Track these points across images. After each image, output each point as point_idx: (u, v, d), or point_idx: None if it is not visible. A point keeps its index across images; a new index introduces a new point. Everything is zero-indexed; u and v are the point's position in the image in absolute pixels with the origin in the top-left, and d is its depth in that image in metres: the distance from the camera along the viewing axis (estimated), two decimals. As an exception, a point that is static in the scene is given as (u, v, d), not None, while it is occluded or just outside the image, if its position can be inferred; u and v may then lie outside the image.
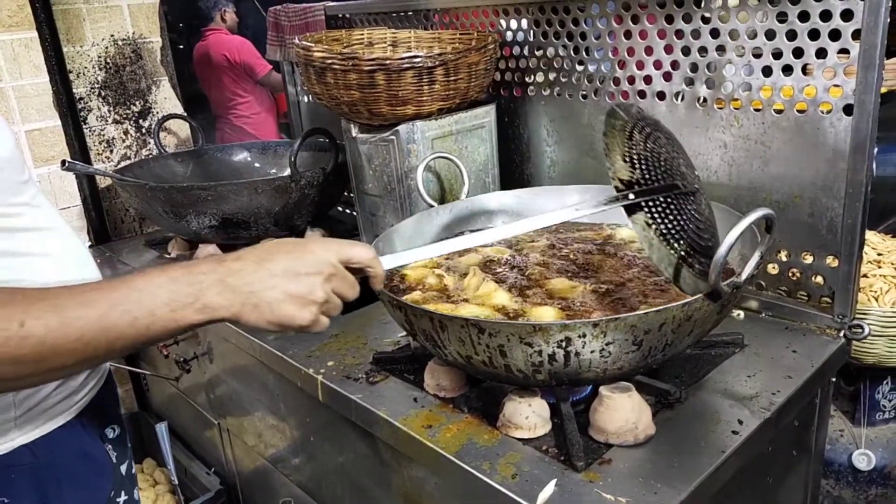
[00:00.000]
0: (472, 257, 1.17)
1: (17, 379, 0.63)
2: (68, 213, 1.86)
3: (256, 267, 0.69)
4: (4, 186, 0.83)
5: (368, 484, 1.14)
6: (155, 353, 1.75)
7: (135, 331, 0.64)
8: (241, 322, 0.70)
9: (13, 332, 0.59)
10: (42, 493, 0.87)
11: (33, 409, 0.86)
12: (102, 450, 0.95)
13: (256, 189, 1.54)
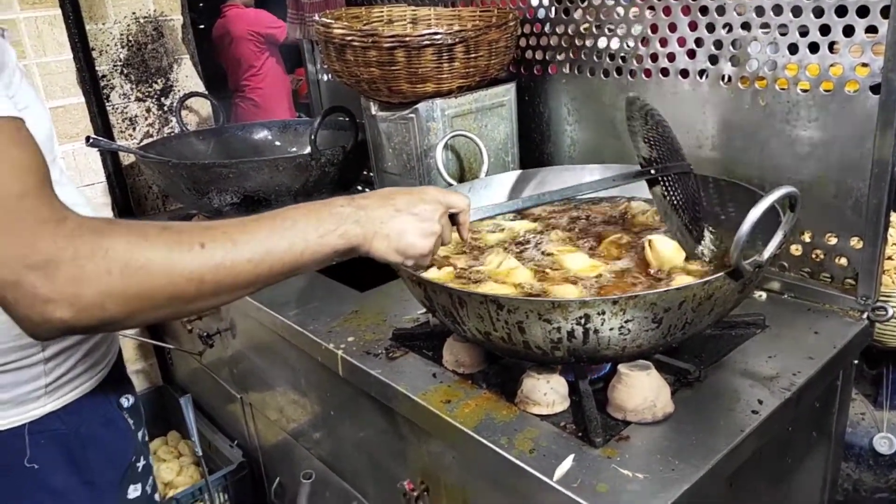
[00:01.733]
0: (494, 235, 1.17)
1: (195, 300, 0.67)
2: (93, 190, 1.89)
3: (382, 203, 0.80)
4: None
5: (387, 458, 1.16)
6: (179, 328, 1.78)
7: (291, 255, 0.71)
8: (371, 252, 0.79)
9: (197, 251, 0.65)
10: (70, 458, 0.90)
11: (61, 377, 0.89)
12: (122, 417, 0.99)
13: (277, 166, 1.55)
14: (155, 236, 0.64)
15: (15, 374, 0.86)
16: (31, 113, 0.79)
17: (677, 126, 1.29)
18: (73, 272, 0.60)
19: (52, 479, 0.90)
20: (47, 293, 0.59)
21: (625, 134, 1.38)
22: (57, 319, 0.60)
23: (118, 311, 0.62)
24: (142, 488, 1.01)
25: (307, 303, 1.31)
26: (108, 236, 0.62)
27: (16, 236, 0.59)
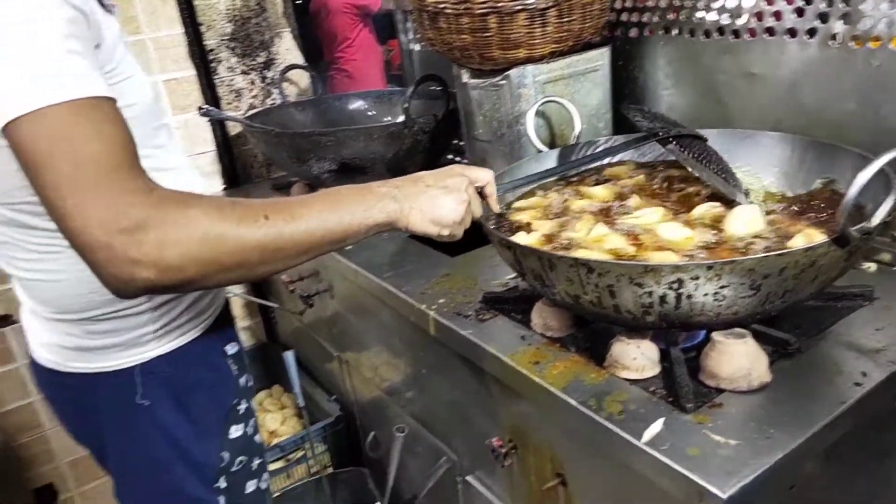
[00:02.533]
0: (581, 203, 1.17)
1: (259, 265, 0.76)
2: (204, 158, 2.02)
3: (413, 183, 0.89)
4: (146, 130, 0.91)
5: (476, 416, 1.20)
6: (281, 289, 1.89)
7: (341, 227, 0.80)
8: (409, 226, 0.87)
9: (262, 223, 0.74)
10: (177, 397, 0.99)
11: (168, 324, 0.97)
12: (224, 363, 1.06)
13: (372, 135, 1.60)
14: (228, 209, 0.73)
15: (126, 321, 0.94)
16: (133, 82, 0.87)
17: (781, 89, 1.23)
18: (159, 237, 0.67)
19: (161, 416, 0.98)
20: (135, 255, 0.66)
21: (726, 97, 1.34)
22: (142, 279, 0.68)
23: (195, 273, 0.70)
24: (243, 429, 1.08)
25: (401, 266, 1.36)
26: (190, 207, 0.70)
27: (109, 203, 0.66)
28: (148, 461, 1.00)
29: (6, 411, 1.90)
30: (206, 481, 1.03)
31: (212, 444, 1.03)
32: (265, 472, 1.14)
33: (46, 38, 0.68)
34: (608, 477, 0.92)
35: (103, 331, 0.94)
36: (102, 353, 0.95)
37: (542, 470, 1.05)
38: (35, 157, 0.66)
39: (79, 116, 0.68)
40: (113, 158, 0.68)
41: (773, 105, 1.26)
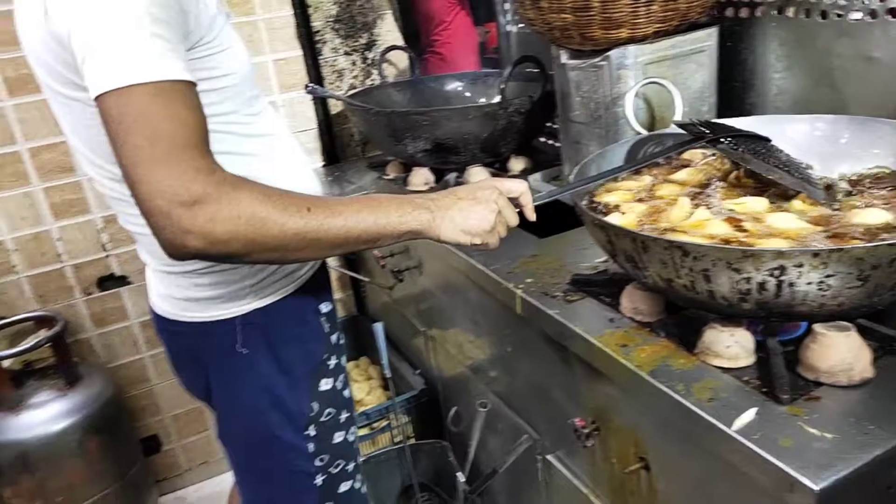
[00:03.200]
0: (670, 188, 1.14)
1: (296, 251, 0.82)
2: (306, 136, 2.11)
3: (445, 196, 0.93)
4: (242, 99, 0.98)
5: (559, 396, 1.21)
6: (373, 264, 1.95)
7: (375, 227, 0.86)
8: (441, 235, 0.90)
9: (304, 214, 0.81)
10: (271, 347, 1.06)
11: (263, 280, 1.04)
12: (317, 320, 1.12)
13: (467, 115, 1.62)
14: (276, 197, 0.80)
15: (227, 275, 1.02)
16: (232, 52, 0.94)
17: (908, 72, 1.15)
18: (212, 213, 0.74)
19: (257, 365, 1.06)
20: (189, 226, 0.74)
21: (841, 82, 1.26)
22: (191, 247, 0.75)
23: (238, 249, 0.78)
24: (332, 383, 1.14)
25: (490, 245, 1.38)
26: (243, 190, 0.77)
27: (175, 177, 0.73)
28: (246, 406, 1.08)
29: (119, 365, 2.07)
30: (297, 428, 1.10)
31: (302, 394, 1.09)
32: (353, 426, 1.19)
33: (136, 22, 0.75)
34: (693, 463, 0.91)
35: (207, 283, 1.02)
36: (207, 303, 1.04)
37: (625, 453, 1.04)
38: (117, 128, 0.74)
39: (158, 97, 0.75)
40: (183, 138, 0.75)
41: (893, 91, 1.18)
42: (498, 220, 0.93)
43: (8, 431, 1.70)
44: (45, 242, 1.89)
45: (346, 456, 1.18)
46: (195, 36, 0.86)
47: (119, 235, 1.95)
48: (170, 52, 0.77)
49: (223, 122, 0.95)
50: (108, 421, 1.83)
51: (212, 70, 0.90)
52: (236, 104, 0.96)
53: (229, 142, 0.96)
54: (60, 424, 1.73)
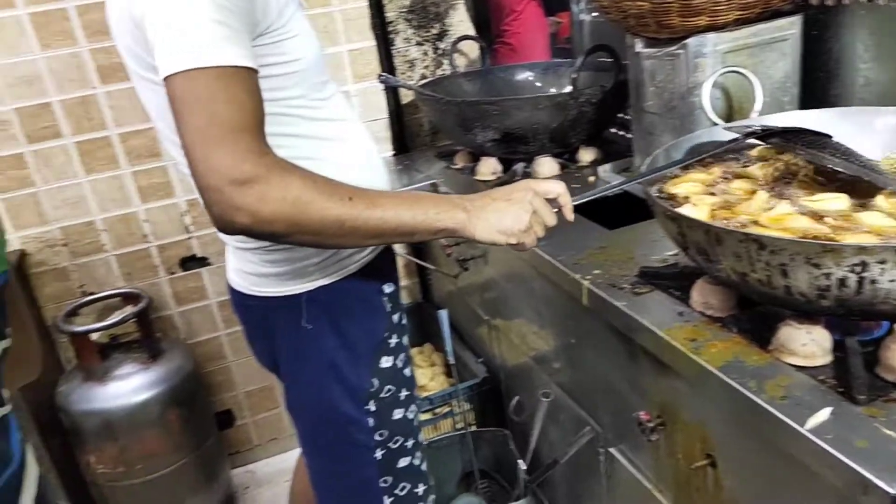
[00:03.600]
0: (742, 183, 1.10)
1: (335, 237, 0.87)
2: (377, 125, 2.15)
3: (481, 197, 0.96)
4: (310, 84, 1.02)
5: (624, 389, 1.20)
6: (439, 252, 1.98)
7: (412, 222, 0.90)
8: (476, 235, 0.94)
9: (346, 202, 0.86)
10: (334, 322, 1.10)
11: (328, 259, 1.08)
12: (379, 299, 1.15)
13: (537, 105, 1.62)
14: (321, 184, 0.85)
15: (292, 253, 1.06)
16: (301, 39, 0.98)
17: None
18: (260, 193, 0.79)
19: (321, 340, 1.10)
20: (238, 203, 0.79)
21: (939, 71, 1.19)
22: (239, 224, 0.80)
23: (282, 229, 0.82)
24: (393, 361, 1.17)
25: (556, 235, 1.35)
26: (291, 174, 0.82)
27: (229, 157, 0.78)
28: (310, 379, 1.13)
29: (198, 342, 2.18)
30: (358, 403, 1.13)
31: (363, 369, 1.13)
32: (413, 404, 1.22)
33: (201, 9, 0.80)
34: (762, 461, 0.89)
35: (275, 260, 1.07)
36: (275, 279, 1.09)
37: (691, 449, 1.03)
38: (180, 108, 0.80)
39: (219, 81, 0.79)
40: (239, 121, 0.80)
41: None
42: (534, 220, 0.96)
43: (94, 401, 1.81)
44: (133, 223, 2.01)
45: (406, 433, 1.20)
46: (264, 23, 0.90)
47: (201, 219, 2.05)
48: (232, 38, 0.81)
49: (292, 105, 1.00)
50: (187, 394, 1.93)
51: (280, 56, 0.95)
52: (304, 89, 1.00)
53: (299, 125, 1.01)
54: (143, 396, 1.84)
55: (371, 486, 1.18)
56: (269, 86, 0.93)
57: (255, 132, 0.82)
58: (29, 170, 1.87)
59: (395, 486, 1.21)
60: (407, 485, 1.22)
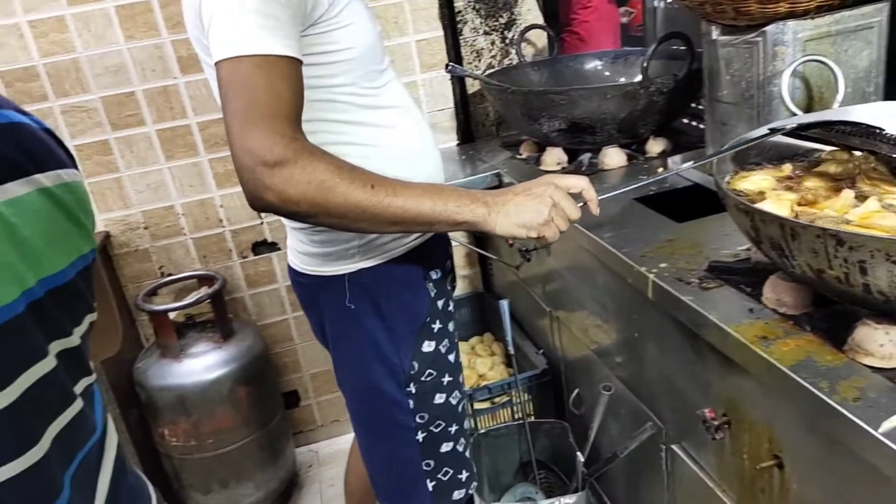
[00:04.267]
0: (815, 180, 1.05)
1: (355, 221, 0.92)
2: (442, 115, 2.17)
3: (502, 193, 0.98)
4: (362, 72, 1.04)
5: (688, 385, 1.17)
6: (500, 243, 1.98)
7: (431, 213, 0.93)
8: (497, 229, 0.96)
9: (368, 189, 0.90)
10: (376, 305, 1.13)
11: (370, 243, 1.11)
12: (423, 285, 1.17)
13: (606, 94, 1.59)
14: (346, 170, 0.88)
15: (337, 234, 1.10)
16: (354, 28, 1.01)
17: None
18: (288, 175, 0.84)
19: (364, 319, 1.14)
20: (267, 183, 0.84)
21: None
22: (266, 201, 0.86)
23: (305, 210, 0.87)
24: (435, 346, 1.18)
25: (622, 227, 1.35)
26: (318, 159, 0.86)
27: (263, 139, 0.83)
28: (355, 357, 1.17)
29: (268, 323, 2.26)
30: (398, 383, 1.16)
31: (404, 351, 1.15)
32: (457, 391, 1.23)
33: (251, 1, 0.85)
34: (832, 464, 0.86)
35: (321, 241, 1.12)
36: (322, 259, 1.13)
37: (757, 449, 1.00)
38: (225, 91, 0.86)
39: (262, 69, 0.85)
40: (276, 107, 0.85)
41: None
42: (554, 214, 0.97)
43: (170, 376, 1.91)
44: (209, 208, 2.09)
45: (448, 418, 1.22)
46: (315, 14, 0.94)
47: (270, 205, 2.11)
48: (277, 29, 0.86)
49: (342, 92, 1.03)
50: (256, 374, 2.01)
51: (331, 45, 0.99)
52: (355, 77, 1.03)
53: (348, 112, 1.04)
54: (215, 373, 1.92)
55: (414, 468, 1.22)
56: (319, 73, 0.98)
57: (290, 118, 0.86)
58: (114, 155, 1.97)
59: (438, 471, 1.23)
60: (450, 470, 1.25)
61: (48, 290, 0.61)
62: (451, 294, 1.24)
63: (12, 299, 0.56)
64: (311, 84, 0.98)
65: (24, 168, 0.59)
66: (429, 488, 1.23)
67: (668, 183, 1.54)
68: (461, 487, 1.27)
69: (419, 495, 1.23)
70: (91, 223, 0.69)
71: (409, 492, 1.24)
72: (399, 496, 1.26)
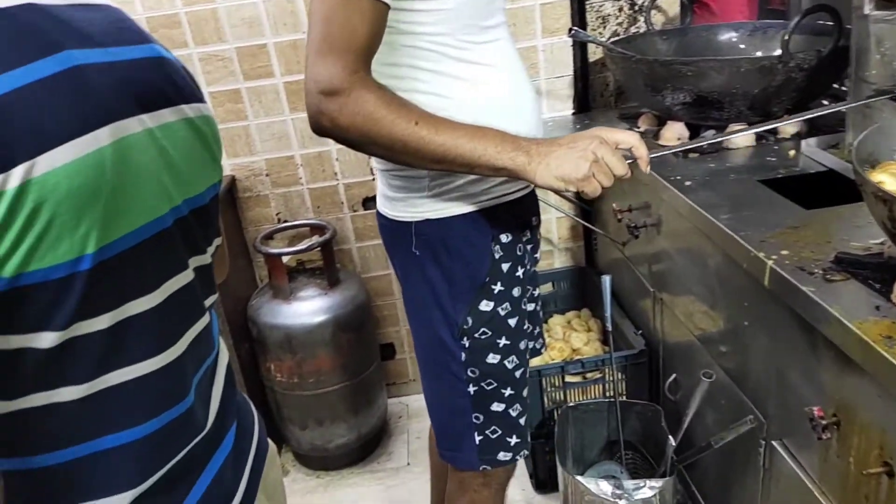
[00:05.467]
0: None
1: (397, 153, 0.96)
2: (561, 82, 2.12)
3: (548, 143, 0.97)
4: (458, 25, 1.04)
5: (798, 381, 1.11)
6: (609, 217, 1.93)
7: (471, 155, 0.95)
8: (536, 179, 0.96)
9: (412, 125, 0.94)
10: (438, 258, 1.16)
11: (439, 195, 1.13)
12: (488, 245, 1.16)
13: (738, 68, 1.50)
14: (395, 105, 0.93)
15: (409, 181, 1.13)
16: None
17: None
18: (341, 104, 0.91)
19: (426, 267, 1.17)
20: (323, 109, 0.92)
21: None
22: (322, 126, 0.94)
23: (355, 138, 0.94)
24: (494, 307, 1.19)
25: (743, 210, 1.29)
26: (371, 92, 0.92)
27: (327, 69, 0.91)
28: (418, 300, 1.22)
29: (371, 276, 2.34)
30: (453, 334, 1.19)
31: (461, 306, 1.18)
32: (514, 355, 1.23)
33: None
34: (955, 482, 0.79)
35: (397, 186, 1.15)
36: (395, 203, 1.17)
37: (866, 454, 0.94)
38: (310, 20, 0.94)
39: (343, 6, 0.91)
40: (346, 42, 0.91)
41: None
42: (595, 169, 0.95)
43: (280, 316, 2.03)
44: (326, 161, 2.18)
45: (501, 380, 1.23)
46: None
47: (383, 162, 2.17)
48: None
49: (434, 42, 1.04)
50: (357, 322, 2.10)
51: None
52: (451, 28, 1.04)
53: (440, 62, 1.05)
54: (320, 318, 2.03)
55: (464, 417, 1.25)
56: (411, 19, 1.02)
57: (359, 54, 0.92)
58: (244, 104, 2.09)
59: (487, 427, 1.25)
60: (498, 430, 1.26)
61: (191, 210, 0.69)
62: (523, 261, 1.23)
63: (163, 213, 0.64)
64: (402, 29, 1.02)
65: (172, 98, 0.66)
66: (475, 441, 1.26)
67: (798, 167, 1.44)
68: (508, 451, 1.28)
69: (467, 445, 1.26)
70: (220, 156, 0.75)
71: (458, 440, 1.28)
72: (450, 441, 1.30)
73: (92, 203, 0.54)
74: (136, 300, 0.60)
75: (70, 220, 0.53)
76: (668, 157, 1.60)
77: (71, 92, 0.54)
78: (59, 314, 0.54)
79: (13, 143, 0.50)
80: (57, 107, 0.53)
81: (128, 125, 0.59)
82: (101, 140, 0.56)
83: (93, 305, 0.56)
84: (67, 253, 0.53)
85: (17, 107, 0.50)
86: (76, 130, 0.54)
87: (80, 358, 0.57)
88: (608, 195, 2.02)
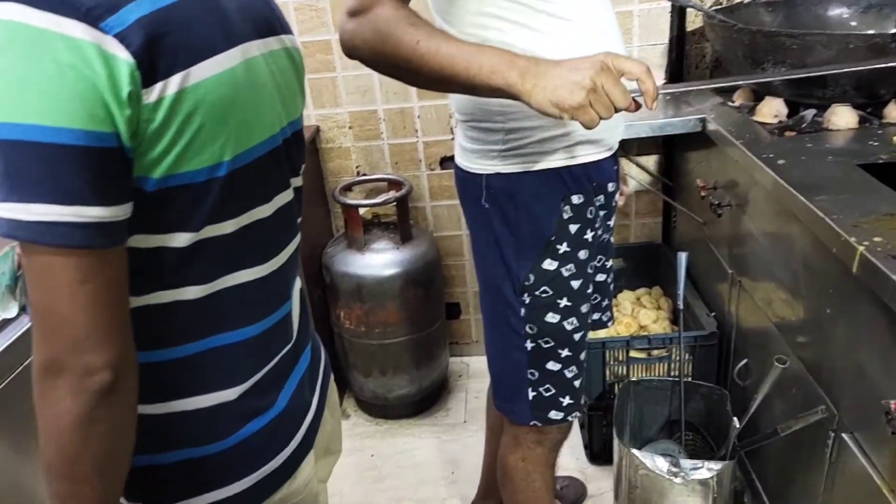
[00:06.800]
0: None
1: (399, 71, 0.95)
2: (654, 50, 2.05)
3: (548, 63, 0.89)
4: None
5: (878, 374, 1.06)
6: (693, 194, 1.87)
7: (466, 74, 0.90)
8: (532, 101, 0.88)
9: (413, 43, 0.91)
10: (505, 213, 1.17)
11: (511, 150, 1.13)
12: (557, 204, 1.15)
13: (847, 44, 1.41)
14: (405, 24, 0.91)
15: (484, 134, 1.14)
16: None
17: None
18: (358, 23, 0.93)
19: (493, 220, 1.18)
20: (346, 28, 0.94)
21: None
22: (343, 45, 0.95)
23: (368, 56, 0.94)
24: (557, 266, 1.18)
25: (838, 193, 1.22)
26: (386, 10, 0.91)
27: None
28: (483, 252, 1.24)
29: (442, 236, 2.37)
30: (514, 289, 1.20)
31: (524, 262, 1.18)
32: (575, 318, 1.23)
33: None
34: None
35: (471, 137, 1.16)
36: (469, 155, 1.18)
37: (947, 455, 0.90)
38: None
39: None
40: None
41: None
42: (593, 98, 0.85)
43: (353, 265, 2.09)
44: (407, 118, 2.20)
45: (559, 340, 1.23)
46: None
47: (464, 122, 2.17)
48: None
49: None
50: (426, 279, 2.14)
51: None
52: None
53: (524, 14, 1.05)
54: (391, 271, 2.07)
55: (520, 371, 1.26)
56: None
57: None
58: (333, 56, 2.13)
59: (541, 384, 1.27)
60: (552, 388, 1.27)
61: (293, 133, 0.75)
62: (593, 225, 1.21)
63: (276, 132, 0.69)
64: None
65: (276, 28, 0.71)
66: (529, 397, 1.27)
67: (904, 154, 1.36)
68: (560, 410, 1.29)
69: (521, 400, 1.28)
70: (303, 91, 0.80)
71: (513, 393, 1.29)
72: (505, 392, 1.32)
73: (229, 115, 0.60)
74: (255, 209, 0.67)
75: (213, 129, 0.58)
76: (763, 133, 1.53)
77: (211, 11, 0.60)
78: (195, 217, 0.60)
79: (173, 52, 0.55)
80: (204, 23, 0.58)
81: (251, 48, 0.64)
82: (236, 58, 0.61)
83: (223, 210, 0.62)
84: (209, 159, 0.59)
85: (175, 20, 0.55)
86: (219, 47, 0.59)
87: (205, 260, 0.63)
88: (694, 170, 1.96)
